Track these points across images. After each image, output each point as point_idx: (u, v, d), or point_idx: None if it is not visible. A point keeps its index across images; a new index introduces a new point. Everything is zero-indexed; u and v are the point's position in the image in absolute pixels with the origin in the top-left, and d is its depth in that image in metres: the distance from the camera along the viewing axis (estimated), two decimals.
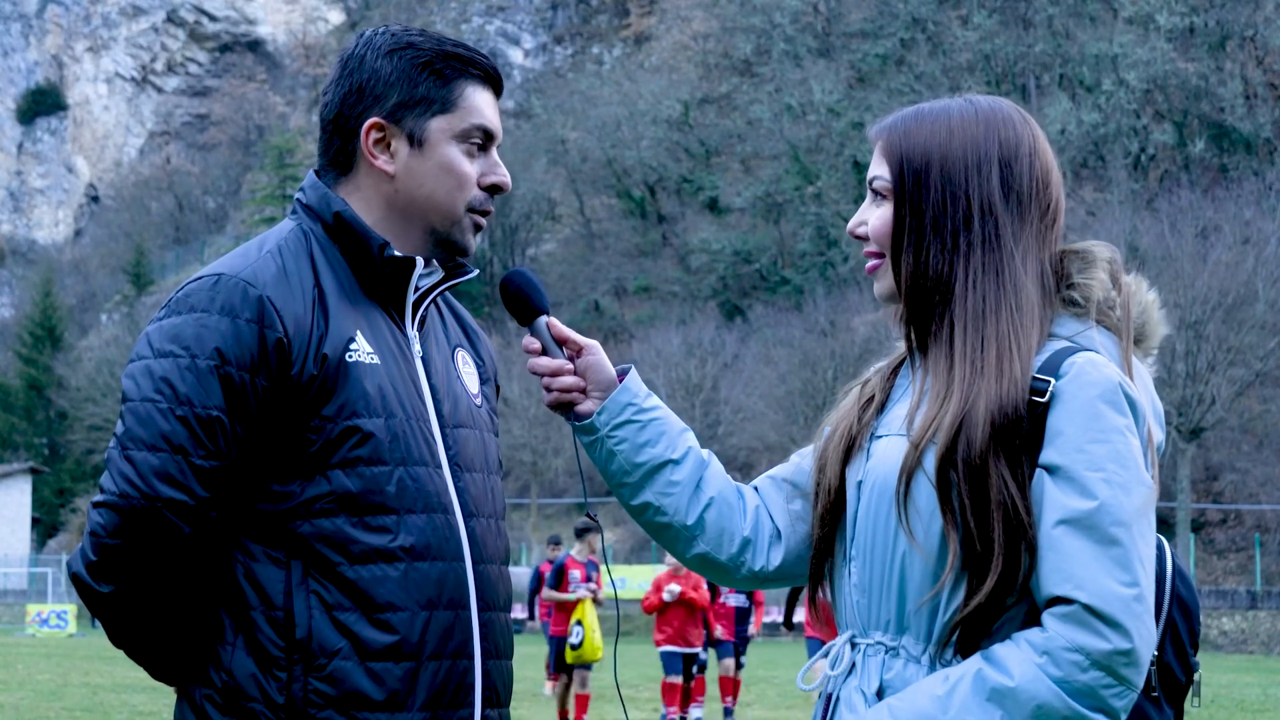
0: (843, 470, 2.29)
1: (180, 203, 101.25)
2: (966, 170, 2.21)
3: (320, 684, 2.28)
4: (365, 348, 2.36)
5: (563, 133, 76.41)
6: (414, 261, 2.43)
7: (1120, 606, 2.01)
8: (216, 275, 2.33)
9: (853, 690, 2.21)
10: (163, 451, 2.25)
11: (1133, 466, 2.07)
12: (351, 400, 2.32)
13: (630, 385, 2.43)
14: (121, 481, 2.25)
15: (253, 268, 2.34)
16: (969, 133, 2.23)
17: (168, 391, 2.26)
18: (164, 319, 2.32)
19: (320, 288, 2.37)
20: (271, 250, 2.38)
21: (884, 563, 2.19)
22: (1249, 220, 48.29)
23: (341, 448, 2.31)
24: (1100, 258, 2.25)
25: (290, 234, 2.42)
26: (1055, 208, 2.26)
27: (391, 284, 2.44)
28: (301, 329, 2.31)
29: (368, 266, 2.42)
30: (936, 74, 67.25)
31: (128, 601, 2.30)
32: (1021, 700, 2.01)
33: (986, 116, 2.25)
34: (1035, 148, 2.25)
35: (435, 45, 2.46)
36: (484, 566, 2.45)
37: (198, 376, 2.26)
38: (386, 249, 2.40)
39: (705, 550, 2.41)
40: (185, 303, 2.31)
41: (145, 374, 2.28)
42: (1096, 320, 2.22)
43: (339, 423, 2.31)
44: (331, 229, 2.43)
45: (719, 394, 52.84)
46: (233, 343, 2.27)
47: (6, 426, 77.97)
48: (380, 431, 2.33)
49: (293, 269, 2.36)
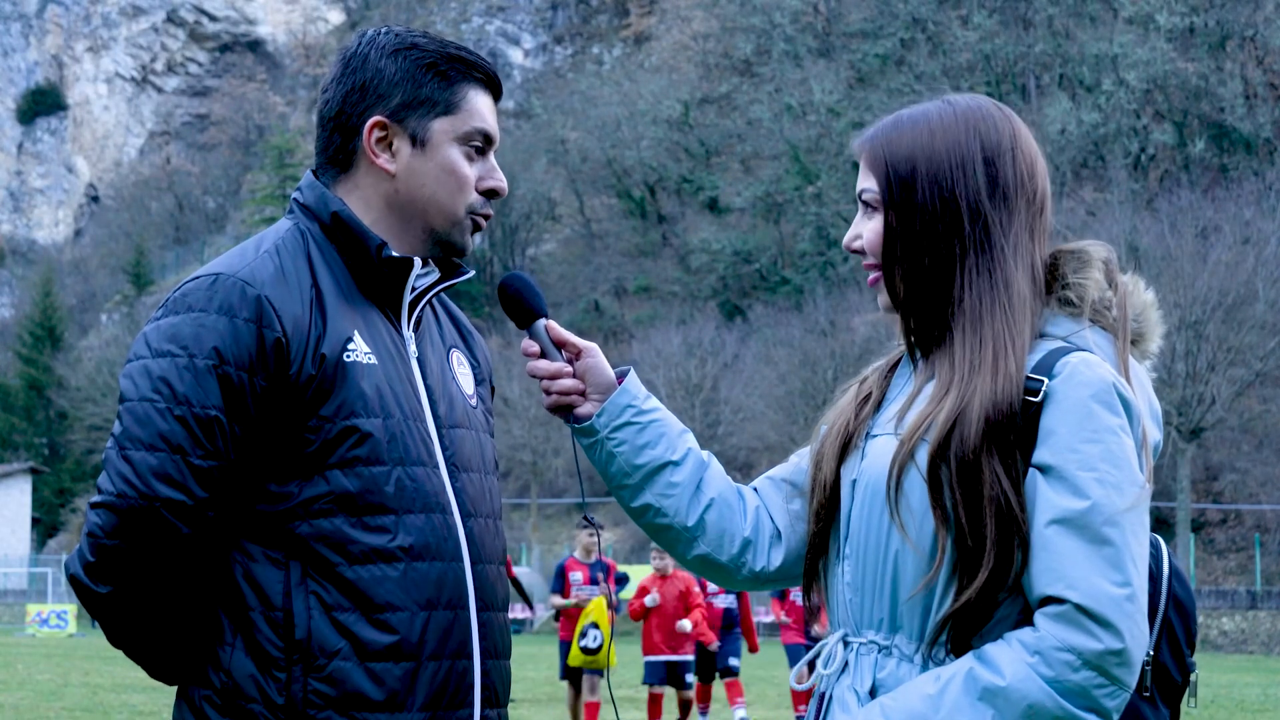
0: (838, 468, 2.29)
1: (180, 203, 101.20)
2: (952, 172, 2.21)
3: (320, 684, 2.27)
4: (363, 347, 2.36)
5: (563, 133, 76.37)
6: (411, 262, 2.42)
7: (1112, 606, 2.01)
8: (214, 275, 2.31)
9: (845, 689, 2.21)
10: (161, 451, 2.24)
11: (1125, 466, 2.07)
12: (349, 400, 2.31)
13: (629, 387, 2.43)
14: (119, 482, 2.24)
15: (250, 267, 2.33)
16: (950, 134, 2.23)
17: (166, 391, 2.25)
18: (162, 319, 2.31)
19: (318, 287, 2.36)
20: (269, 250, 2.37)
21: (877, 561, 2.19)
22: (1249, 220, 48.26)
23: (340, 448, 2.30)
24: (1096, 257, 2.25)
25: (288, 233, 2.41)
26: (1042, 199, 2.25)
27: (389, 284, 2.43)
28: (300, 329, 2.30)
29: (365, 266, 2.41)
30: (936, 74, 67.20)
31: (126, 602, 2.29)
32: (1013, 700, 2.01)
33: (966, 115, 2.24)
34: (1017, 141, 2.24)
35: (439, 47, 2.45)
36: (482, 566, 2.45)
37: (196, 376, 2.25)
38: (384, 249, 2.40)
39: (706, 551, 2.41)
40: (183, 302, 2.30)
41: (143, 374, 2.27)
42: (1092, 320, 2.21)
43: (337, 423, 2.30)
44: (329, 229, 2.42)
45: (719, 394, 52.80)
46: (231, 342, 2.26)
47: (6, 426, 77.95)
48: (378, 431, 2.32)
49: (290, 269, 2.35)
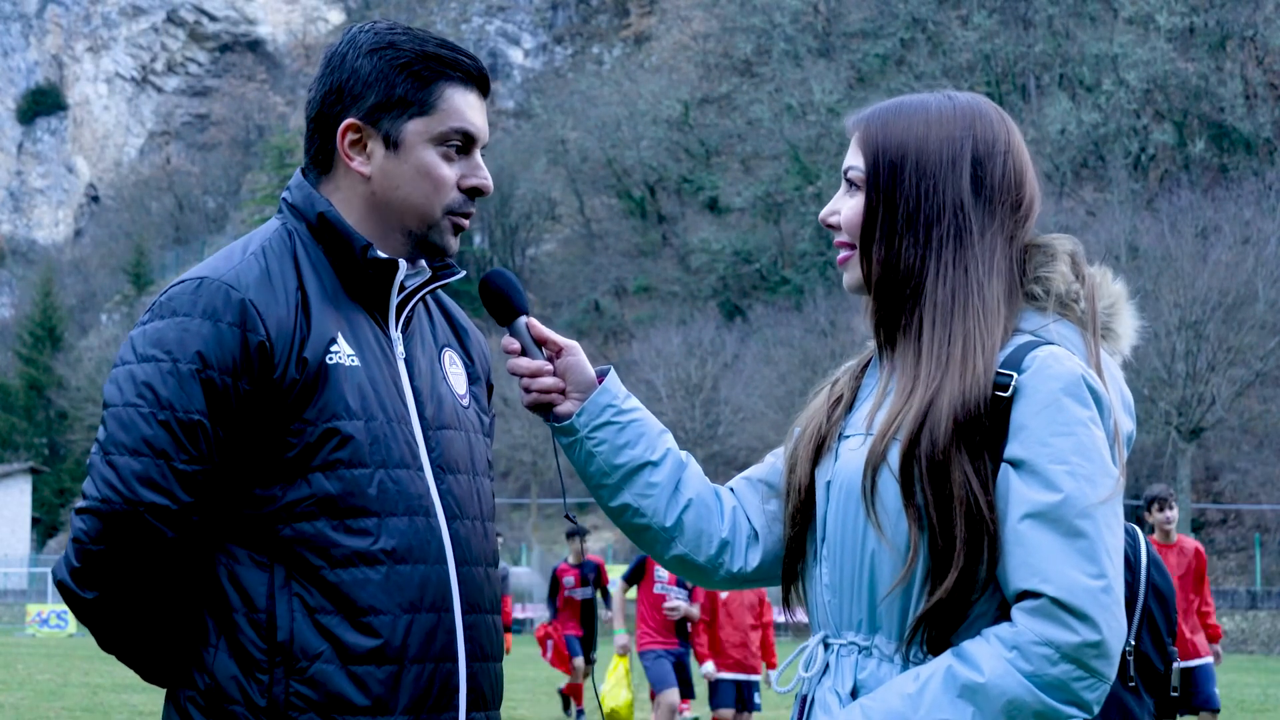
0: (812, 471, 2.29)
1: (180, 203, 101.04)
2: (941, 165, 2.21)
3: (301, 687, 2.27)
4: (346, 350, 2.35)
5: (563, 133, 76.25)
6: (397, 263, 2.42)
7: (1088, 598, 2.01)
8: (199, 279, 2.32)
9: (827, 691, 2.21)
10: (144, 456, 2.24)
11: (1097, 459, 2.07)
12: (331, 403, 2.31)
13: (610, 387, 2.43)
14: (104, 487, 2.24)
15: (236, 270, 2.33)
16: (946, 128, 2.23)
17: (149, 396, 2.25)
18: (148, 323, 2.31)
19: (303, 289, 2.36)
20: (255, 252, 2.37)
21: (854, 562, 2.19)
22: (1249, 220, 48.21)
23: (322, 450, 2.30)
24: (1061, 250, 2.25)
25: (275, 235, 2.42)
26: (1028, 208, 2.25)
27: (374, 285, 2.43)
28: (284, 332, 2.30)
29: (351, 267, 2.41)
30: (936, 74, 67.18)
31: (112, 607, 2.29)
32: (992, 696, 2.01)
33: (964, 113, 2.25)
34: (1010, 146, 2.25)
35: (417, 46, 2.42)
36: (468, 569, 2.44)
37: (179, 381, 2.25)
38: (369, 250, 2.39)
39: (683, 552, 2.41)
40: (168, 307, 2.31)
41: (128, 379, 2.27)
42: (1060, 313, 2.21)
43: (319, 425, 2.30)
44: (316, 229, 2.42)
45: (719, 394, 52.74)
46: (214, 346, 2.26)
47: (6, 426, 77.88)
48: (360, 434, 2.32)
49: (276, 271, 2.35)
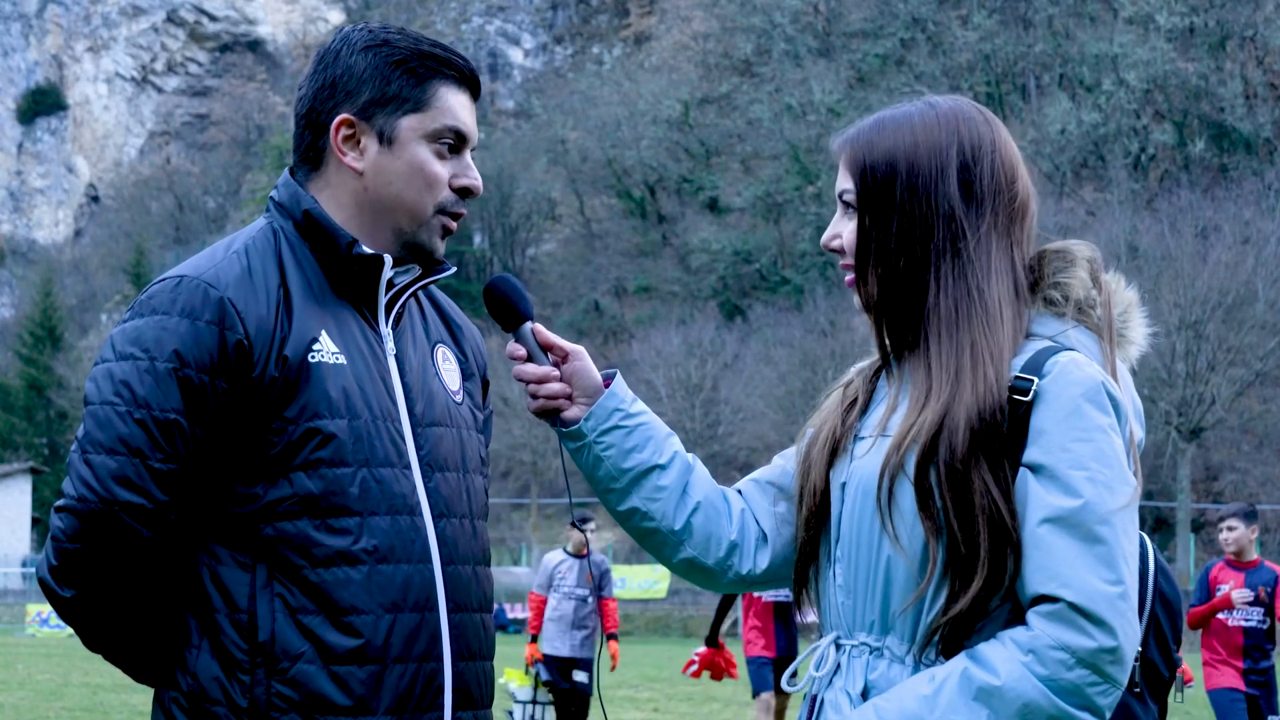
0: (827, 473, 2.29)
1: (180, 203, 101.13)
2: (931, 176, 2.20)
3: (283, 687, 2.26)
4: (330, 348, 2.34)
5: (563, 133, 76.34)
6: (382, 259, 2.40)
7: (1105, 604, 2.01)
8: (179, 277, 2.31)
9: (838, 691, 2.20)
10: (120, 455, 2.23)
11: (1116, 465, 2.07)
12: (313, 401, 2.30)
13: (617, 391, 2.42)
14: (80, 485, 2.24)
15: (216, 269, 2.32)
16: (932, 136, 2.22)
17: (126, 394, 2.25)
18: (128, 322, 2.31)
19: (286, 288, 2.35)
20: (238, 250, 2.36)
21: (868, 564, 2.18)
22: (1249, 220, 48.29)
23: (303, 449, 2.29)
24: (1080, 256, 2.24)
25: (260, 233, 2.41)
26: (1023, 204, 2.24)
27: (362, 282, 2.42)
28: (264, 330, 2.29)
29: (337, 265, 2.40)
30: (936, 74, 67.25)
31: (91, 605, 2.28)
32: (1008, 699, 2.01)
33: (947, 118, 2.24)
34: (997, 146, 2.23)
35: (411, 44, 2.43)
36: (455, 568, 2.42)
37: (156, 379, 2.25)
38: (355, 246, 2.38)
39: (692, 555, 2.40)
40: (148, 305, 2.30)
41: (106, 377, 2.27)
42: (1077, 319, 2.21)
43: (300, 424, 2.29)
44: (302, 227, 2.41)
45: (719, 394, 52.81)
46: (191, 345, 2.25)
47: (6, 426, 77.92)
48: (342, 433, 2.31)
49: (258, 269, 2.34)
